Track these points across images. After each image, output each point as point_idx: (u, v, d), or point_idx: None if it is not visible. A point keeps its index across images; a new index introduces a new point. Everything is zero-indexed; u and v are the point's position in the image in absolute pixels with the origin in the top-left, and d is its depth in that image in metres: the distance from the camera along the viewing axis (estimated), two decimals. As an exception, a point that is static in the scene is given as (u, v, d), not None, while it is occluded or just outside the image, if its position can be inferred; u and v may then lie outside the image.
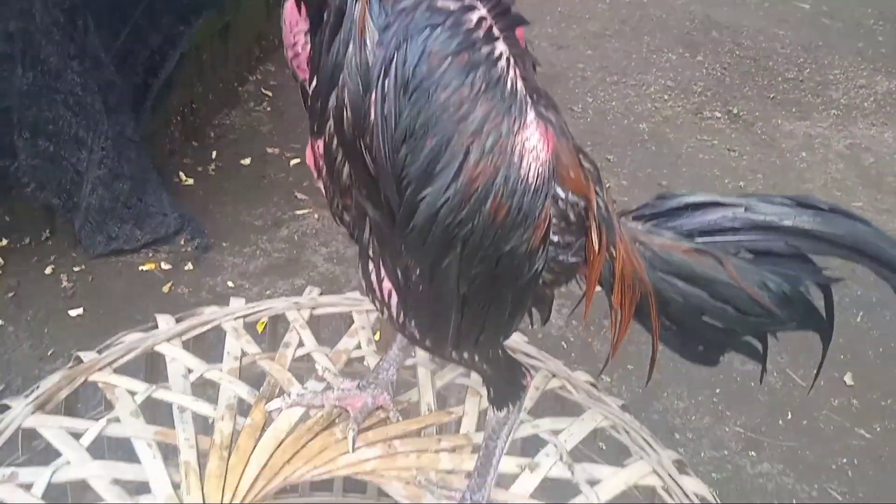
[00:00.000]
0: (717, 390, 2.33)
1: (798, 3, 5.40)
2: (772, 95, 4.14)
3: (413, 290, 0.78)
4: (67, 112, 2.22)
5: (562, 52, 4.33)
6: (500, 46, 0.69)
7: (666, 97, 4.00)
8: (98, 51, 2.23)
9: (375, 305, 0.85)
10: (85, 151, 2.29)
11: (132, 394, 0.98)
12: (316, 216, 2.82)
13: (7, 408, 0.97)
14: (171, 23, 2.70)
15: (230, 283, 2.47)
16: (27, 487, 0.85)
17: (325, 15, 0.68)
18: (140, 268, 2.47)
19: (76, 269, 2.42)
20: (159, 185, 2.54)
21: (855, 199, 3.34)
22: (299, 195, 2.91)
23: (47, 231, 2.48)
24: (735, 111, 3.92)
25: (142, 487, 0.88)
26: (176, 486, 0.86)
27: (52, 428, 0.92)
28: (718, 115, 3.89)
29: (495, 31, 0.69)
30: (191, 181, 2.90)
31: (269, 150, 3.14)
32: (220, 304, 2.38)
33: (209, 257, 2.57)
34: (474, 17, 0.68)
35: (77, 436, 0.91)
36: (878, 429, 2.26)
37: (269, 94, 3.51)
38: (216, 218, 2.75)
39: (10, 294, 2.30)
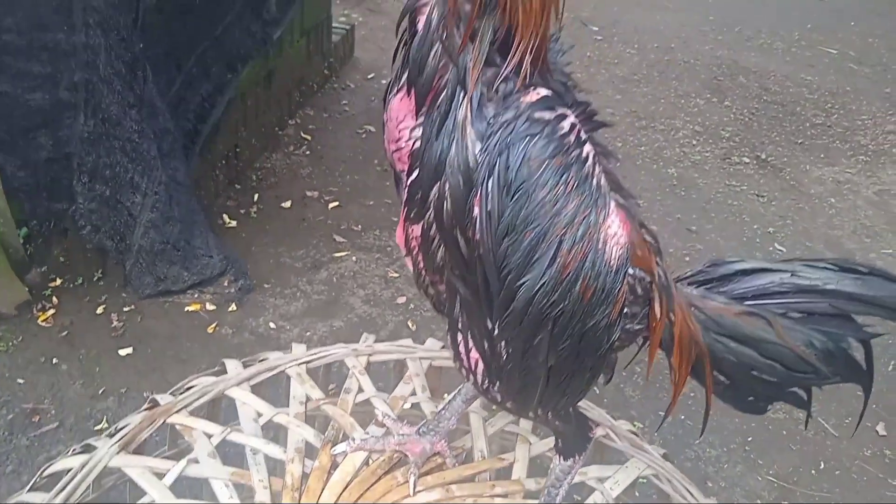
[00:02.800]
0: (749, 438, 2.35)
1: (825, 48, 5.46)
2: (800, 141, 4.19)
3: (501, 361, 0.86)
4: (124, 158, 2.33)
5: (591, 97, 4.37)
6: (587, 147, 0.78)
7: (694, 142, 4.07)
8: (155, 99, 2.35)
9: (462, 372, 0.93)
10: (139, 195, 2.39)
11: (208, 436, 1.05)
12: (354, 258, 2.91)
13: (92, 448, 1.04)
14: (221, 71, 2.83)
15: (272, 325, 2.55)
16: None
17: (432, 109, 0.77)
18: (186, 308, 2.56)
19: (126, 308, 2.51)
20: (206, 227, 2.64)
21: (885, 246, 3.36)
22: (338, 238, 3.00)
23: (99, 272, 2.58)
24: (763, 156, 3.97)
25: (220, 526, 0.94)
26: (252, 525, 0.92)
27: (136, 468, 0.99)
28: (747, 160, 3.94)
29: (583, 135, 0.78)
30: (234, 223, 3.00)
31: (309, 194, 3.24)
32: (262, 345, 2.48)
33: (251, 298, 2.66)
34: (566, 124, 0.77)
35: (160, 475, 0.98)
36: (912, 480, 2.27)
37: (309, 137, 3.63)
38: (258, 259, 2.85)
39: (64, 333, 2.39)
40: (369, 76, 4.27)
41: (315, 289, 2.75)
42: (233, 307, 2.60)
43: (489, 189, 0.75)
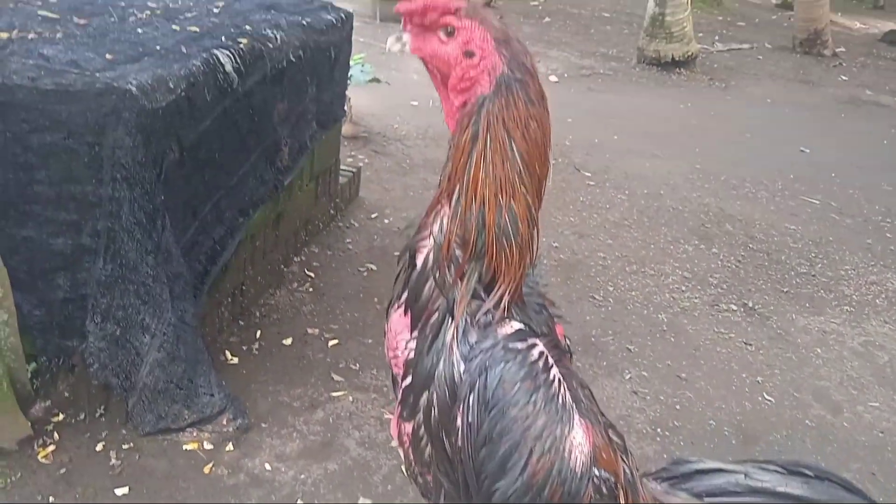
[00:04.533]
0: None
1: (807, 198, 5.73)
2: (785, 289, 4.33)
3: None
4: (137, 300, 2.44)
5: (583, 241, 4.60)
6: (554, 371, 0.92)
7: (683, 288, 4.21)
8: (171, 246, 2.48)
9: None
10: (148, 336, 2.48)
11: None
12: (350, 399, 2.97)
13: None
14: (233, 216, 2.99)
15: (267, 466, 2.58)
16: None
17: (425, 328, 0.89)
18: (184, 447, 2.60)
19: (125, 446, 2.55)
20: (209, 365, 2.71)
21: (871, 399, 3.43)
22: (336, 377, 3.07)
23: (102, 408, 2.63)
24: (750, 304, 4.10)
25: None
26: None
27: None
28: (734, 307, 4.07)
29: (550, 361, 0.91)
30: (235, 360, 3.08)
31: (310, 331, 3.34)
32: (257, 487, 2.50)
33: (248, 437, 2.70)
34: (536, 352, 0.90)
35: None
36: None
37: (312, 275, 3.76)
38: (257, 398, 2.90)
39: (62, 471, 2.42)
40: (373, 215, 4.47)
41: (311, 429, 2.80)
42: (230, 446, 2.64)
43: (470, 404, 0.88)
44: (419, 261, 0.94)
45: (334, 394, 2.98)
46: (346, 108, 4.26)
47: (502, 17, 1.01)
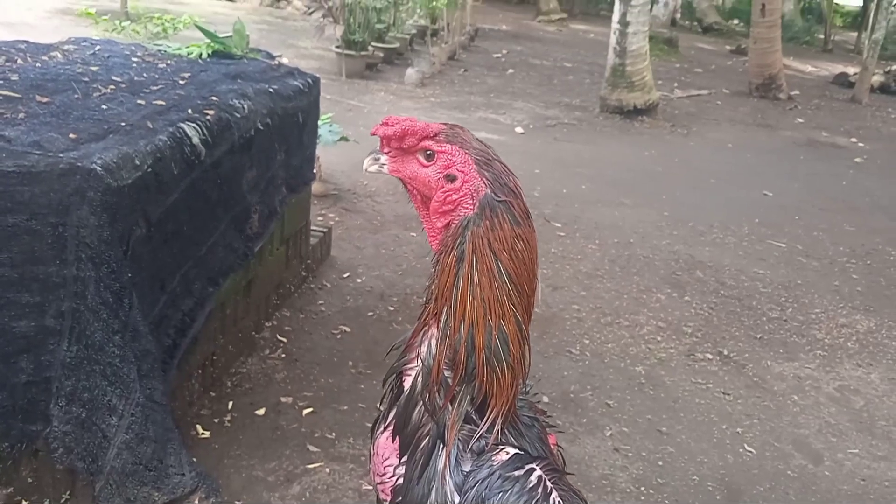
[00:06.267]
0: None
1: (774, 241, 5.83)
2: (759, 336, 4.37)
3: None
4: (104, 381, 2.36)
5: (557, 293, 4.60)
6: (554, 495, 0.88)
7: (659, 338, 4.22)
8: (139, 324, 2.42)
9: None
10: (115, 417, 2.40)
11: None
12: (327, 470, 2.89)
13: None
14: (203, 286, 2.93)
15: (243, 548, 2.49)
16: None
17: (414, 453, 0.86)
18: (155, 531, 2.49)
19: (92, 533, 2.44)
20: (180, 444, 2.62)
21: (850, 445, 3.44)
22: (311, 447, 2.99)
23: (67, 493, 2.52)
24: (725, 352, 4.12)
25: None
26: None
27: None
28: (710, 356, 4.08)
29: (549, 486, 0.88)
30: (207, 434, 2.99)
31: (283, 400, 3.26)
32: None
33: (222, 517, 2.61)
34: (534, 478, 0.87)
35: None
36: None
37: (284, 340, 3.70)
38: (230, 473, 2.81)
39: (26, 564, 2.31)
40: (345, 275, 4.43)
41: (287, 505, 2.71)
42: (203, 529, 2.54)
43: None
44: (406, 384, 0.92)
45: (310, 466, 2.90)
46: (315, 168, 4.25)
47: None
